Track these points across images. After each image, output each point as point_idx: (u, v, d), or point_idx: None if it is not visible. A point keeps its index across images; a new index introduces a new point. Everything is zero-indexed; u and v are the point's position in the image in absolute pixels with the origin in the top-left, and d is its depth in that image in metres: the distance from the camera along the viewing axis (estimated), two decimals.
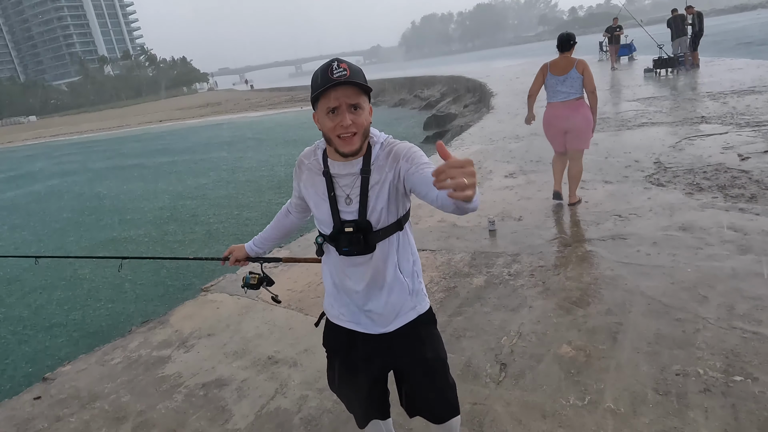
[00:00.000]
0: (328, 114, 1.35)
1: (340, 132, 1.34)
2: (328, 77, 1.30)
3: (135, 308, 5.76)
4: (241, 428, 2.42)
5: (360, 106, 1.35)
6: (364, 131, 1.38)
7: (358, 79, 1.32)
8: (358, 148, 1.38)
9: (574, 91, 4.45)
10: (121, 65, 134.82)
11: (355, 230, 1.43)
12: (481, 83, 17.80)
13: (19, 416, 2.78)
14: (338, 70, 1.30)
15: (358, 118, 1.35)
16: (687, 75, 12.83)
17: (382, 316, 1.54)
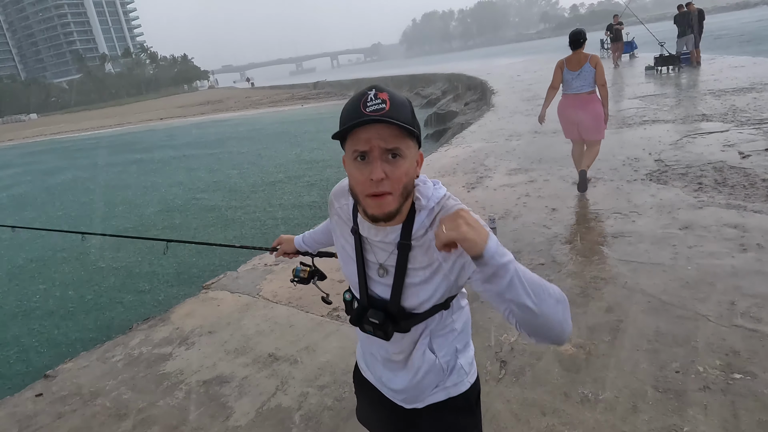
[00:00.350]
0: (356, 160, 0.98)
1: (369, 189, 0.97)
2: (359, 111, 0.95)
3: (138, 303, 5.78)
4: (242, 425, 2.43)
5: (400, 153, 0.96)
6: (403, 190, 0.99)
7: (402, 116, 0.95)
8: (392, 212, 0.99)
9: (587, 84, 4.82)
10: (122, 63, 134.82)
11: (381, 324, 1.11)
12: (481, 81, 17.79)
13: (21, 413, 2.79)
14: (374, 102, 0.94)
15: (395, 171, 0.96)
16: (688, 73, 12.81)
17: (406, 395, 1.24)
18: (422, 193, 1.07)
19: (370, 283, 1.15)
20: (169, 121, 37.03)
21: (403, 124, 0.95)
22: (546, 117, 5.26)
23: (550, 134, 7.81)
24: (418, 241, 1.06)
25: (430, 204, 1.06)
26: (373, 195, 0.98)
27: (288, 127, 22.64)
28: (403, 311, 1.12)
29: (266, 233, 8.01)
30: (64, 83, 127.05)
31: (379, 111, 0.94)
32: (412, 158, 1.01)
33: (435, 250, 1.02)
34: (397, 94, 0.99)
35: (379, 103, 0.95)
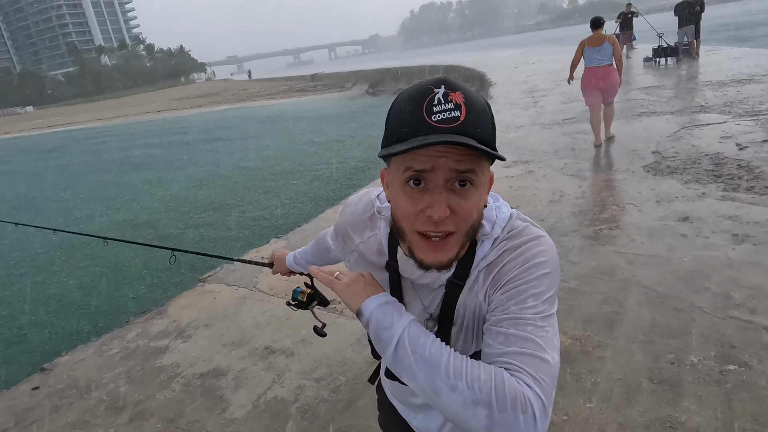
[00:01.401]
0: (408, 184, 0.72)
1: (423, 227, 0.73)
2: (422, 117, 0.69)
3: (134, 297, 5.77)
4: (239, 417, 2.44)
5: (472, 180, 0.71)
6: (470, 229, 0.74)
7: (482, 129, 0.70)
8: (451, 260, 0.76)
9: (606, 58, 6.08)
10: (118, 55, 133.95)
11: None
12: (479, 73, 17.72)
13: (18, 406, 2.79)
14: (443, 108, 0.68)
15: (464, 205, 0.72)
16: (687, 64, 12.77)
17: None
18: (485, 217, 0.80)
19: None
20: (165, 114, 36.84)
21: (484, 147, 0.67)
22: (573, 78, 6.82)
23: (548, 126, 7.80)
24: (470, 279, 0.81)
25: (495, 231, 0.80)
26: (426, 235, 0.73)
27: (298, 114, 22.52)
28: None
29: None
30: (59, 75, 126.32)
31: (451, 122, 0.67)
32: (484, 186, 0.74)
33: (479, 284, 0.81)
34: (474, 96, 0.71)
35: (451, 110, 0.68)
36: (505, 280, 0.76)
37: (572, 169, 5.51)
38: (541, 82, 13.51)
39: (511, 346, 0.71)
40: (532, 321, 0.72)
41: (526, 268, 0.75)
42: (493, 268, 0.78)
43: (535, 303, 0.74)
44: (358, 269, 0.95)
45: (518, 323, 0.72)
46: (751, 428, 1.91)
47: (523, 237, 0.79)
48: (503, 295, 0.75)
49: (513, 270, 0.76)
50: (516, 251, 0.78)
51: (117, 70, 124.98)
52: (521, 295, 0.74)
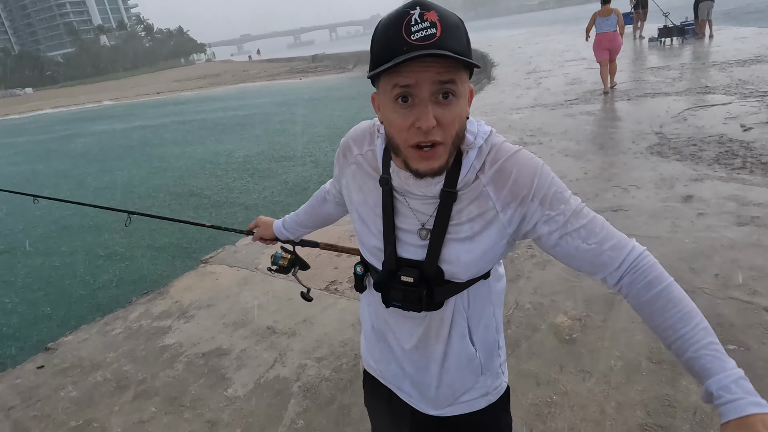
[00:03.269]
0: (397, 101, 0.78)
1: (415, 138, 0.79)
2: (401, 37, 0.74)
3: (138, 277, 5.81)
4: (241, 396, 2.47)
5: (454, 91, 0.77)
6: (455, 138, 0.81)
7: (457, 42, 0.75)
8: (442, 167, 0.82)
9: (612, 26, 8.08)
10: (117, 36, 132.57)
11: (417, 283, 0.90)
12: (482, 53, 17.51)
13: (24, 385, 2.83)
14: (420, 26, 0.73)
15: (447, 114, 0.77)
16: (693, 44, 12.59)
17: (433, 395, 1.04)
18: (468, 130, 0.86)
19: (400, 246, 0.93)
20: (165, 96, 36.60)
21: (461, 56, 0.73)
22: (589, 37, 8.79)
23: (550, 107, 7.73)
24: (466, 189, 0.87)
25: (478, 141, 0.87)
26: (418, 146, 0.79)
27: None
28: (441, 275, 0.90)
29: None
30: (58, 57, 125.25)
31: (428, 39, 0.73)
32: (464, 96, 0.80)
33: (489, 196, 0.86)
34: (448, 13, 0.76)
35: (427, 28, 0.73)
36: (530, 196, 0.85)
37: (575, 150, 5.48)
38: (544, 62, 13.35)
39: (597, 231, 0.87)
40: (580, 205, 0.88)
41: (539, 180, 0.85)
42: (504, 181, 0.86)
43: (569, 194, 0.88)
44: (354, 182, 1.00)
45: (579, 214, 0.86)
46: None
47: (511, 149, 0.88)
48: (542, 206, 0.85)
49: (527, 185, 0.85)
50: (519, 163, 0.86)
51: (116, 51, 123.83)
52: (558, 196, 0.86)
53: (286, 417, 2.28)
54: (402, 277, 0.91)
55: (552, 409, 2.07)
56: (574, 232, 0.85)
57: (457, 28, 0.77)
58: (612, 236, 0.87)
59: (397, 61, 0.72)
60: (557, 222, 0.85)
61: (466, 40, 0.78)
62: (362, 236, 1.00)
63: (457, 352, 0.99)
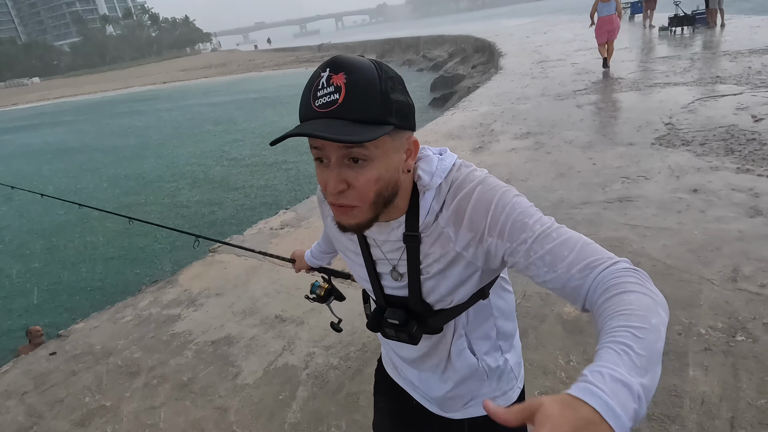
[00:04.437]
0: (317, 160, 0.78)
1: (330, 200, 0.78)
2: (309, 102, 0.73)
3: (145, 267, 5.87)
4: (250, 383, 2.50)
5: (363, 156, 0.74)
6: (376, 198, 0.77)
7: (363, 106, 0.71)
8: (362, 224, 0.80)
9: (611, 10, 9.03)
10: (122, 25, 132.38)
11: (404, 323, 0.92)
12: (489, 43, 17.37)
13: (36, 370, 2.88)
14: (325, 90, 0.71)
15: (359, 179, 0.75)
16: (704, 33, 12.42)
17: (442, 403, 1.07)
18: (424, 169, 0.84)
19: (386, 289, 0.96)
20: (174, 84, 36.57)
21: (360, 121, 0.70)
22: (593, 22, 9.39)
23: (558, 97, 7.67)
24: (427, 231, 0.85)
25: (436, 181, 0.84)
26: (335, 206, 0.79)
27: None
28: (429, 308, 0.92)
29: None
30: (64, 46, 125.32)
31: (329, 106, 0.70)
32: (388, 156, 0.76)
33: (449, 237, 0.83)
34: (363, 70, 0.71)
35: (330, 93, 0.70)
36: (486, 230, 0.79)
37: (583, 140, 5.44)
38: (552, 52, 13.23)
39: (565, 254, 0.73)
40: (549, 228, 0.76)
41: (494, 211, 0.78)
42: (460, 220, 0.81)
43: (533, 220, 0.77)
44: (333, 231, 0.99)
45: (542, 239, 0.75)
46: (756, 398, 1.93)
47: (471, 182, 0.82)
48: (501, 239, 0.78)
49: (482, 218, 0.79)
50: (473, 198, 0.80)
51: (122, 40, 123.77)
52: (517, 225, 0.77)
53: (295, 404, 2.31)
54: (388, 319, 0.93)
55: None
56: (538, 260, 0.75)
57: (368, 88, 0.71)
58: (585, 257, 0.72)
59: (290, 132, 0.70)
60: (519, 252, 0.77)
61: (383, 99, 0.72)
62: (354, 274, 1.04)
63: (459, 364, 0.99)
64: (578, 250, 0.73)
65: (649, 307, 0.62)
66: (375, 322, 0.97)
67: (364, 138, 0.69)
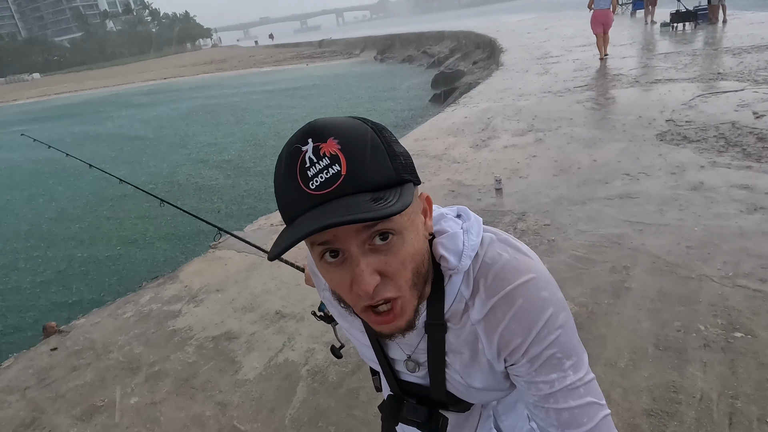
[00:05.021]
0: (324, 258, 0.61)
1: (362, 302, 0.61)
2: (299, 189, 0.57)
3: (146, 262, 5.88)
4: (251, 379, 2.51)
5: (393, 228, 0.58)
6: (415, 278, 0.62)
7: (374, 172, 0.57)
8: (410, 319, 0.64)
9: (607, 4, 9.75)
10: (123, 20, 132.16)
11: (426, 420, 0.79)
12: (490, 39, 17.32)
13: (38, 366, 2.89)
14: (318, 165, 0.56)
15: (392, 262, 0.59)
16: (705, 29, 12.38)
17: None
18: (448, 248, 0.68)
19: (399, 369, 0.82)
20: (174, 80, 36.56)
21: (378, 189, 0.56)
22: (591, 8, 10.11)
23: (559, 94, 7.66)
24: (454, 321, 0.71)
25: (465, 263, 0.68)
26: (371, 307, 0.62)
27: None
28: (453, 397, 0.79)
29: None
30: (65, 42, 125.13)
31: (332, 183, 0.55)
32: (414, 222, 0.62)
33: (479, 337, 0.70)
34: (353, 129, 0.58)
35: (327, 167, 0.55)
36: (521, 350, 0.66)
37: (584, 137, 5.44)
38: (553, 48, 13.19)
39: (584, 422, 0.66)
40: (579, 381, 0.66)
41: (538, 333, 0.65)
42: (493, 330, 0.67)
43: (571, 362, 0.66)
44: (333, 308, 0.87)
45: (570, 392, 0.66)
46: (754, 394, 1.94)
47: (514, 281, 0.66)
48: (530, 365, 0.67)
49: (522, 336, 0.66)
50: (513, 309, 0.66)
51: (122, 36, 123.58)
52: (551, 363, 0.66)
53: (295, 400, 2.32)
54: (409, 417, 0.80)
55: None
56: (554, 412, 0.66)
57: (371, 147, 0.57)
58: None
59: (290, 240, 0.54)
60: (539, 390, 0.67)
61: (389, 155, 0.58)
62: (360, 354, 0.90)
63: None
64: (597, 423, 0.65)
65: None
66: (392, 417, 0.81)
67: (400, 206, 0.54)
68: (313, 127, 0.57)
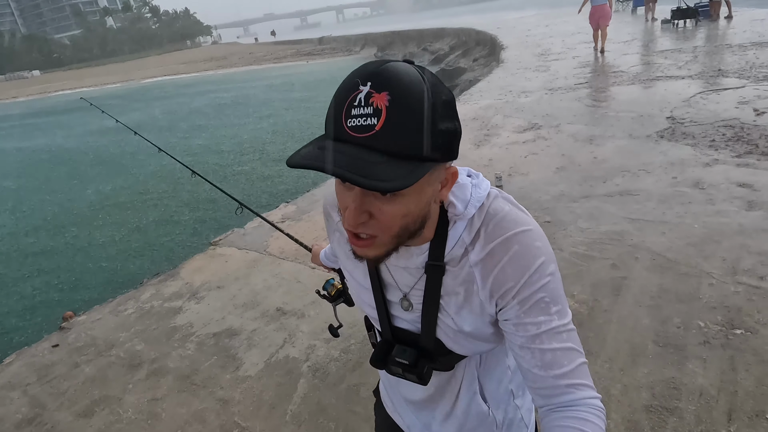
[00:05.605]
0: (337, 180, 0.68)
1: (346, 225, 0.68)
2: (339, 119, 0.60)
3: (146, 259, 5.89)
4: (252, 375, 2.52)
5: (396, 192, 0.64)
6: (400, 232, 0.68)
7: (404, 136, 0.59)
8: (380, 256, 0.71)
9: (603, 0, 10.42)
10: (123, 17, 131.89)
11: (414, 363, 0.83)
12: (491, 36, 17.29)
13: (40, 362, 2.90)
14: (361, 110, 0.59)
15: (386, 212, 0.65)
16: (707, 26, 12.35)
17: None
18: (457, 196, 0.75)
19: (394, 319, 0.86)
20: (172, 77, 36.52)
21: (398, 156, 0.59)
22: (582, 10, 11.50)
23: (560, 90, 7.65)
24: (453, 264, 0.76)
25: (470, 211, 0.75)
26: (353, 236, 0.69)
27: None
28: (441, 346, 0.82)
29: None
30: (64, 39, 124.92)
31: (364, 131, 0.58)
32: (422, 191, 0.66)
33: (474, 279, 0.75)
34: (411, 93, 0.59)
35: (368, 115, 0.58)
36: (513, 292, 0.72)
37: (584, 134, 5.43)
38: (553, 45, 13.17)
39: (565, 364, 0.71)
40: (563, 326, 0.72)
41: (530, 277, 0.71)
42: (491, 269, 0.73)
43: (557, 308, 0.72)
44: (341, 249, 0.92)
45: (554, 335, 0.71)
46: (754, 391, 1.95)
47: (511, 229, 0.73)
48: (520, 307, 0.72)
49: (515, 279, 0.71)
50: (509, 254, 0.72)
51: (122, 33, 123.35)
52: (539, 306, 0.71)
53: (296, 396, 2.33)
54: (397, 358, 0.84)
55: None
56: (538, 352, 0.71)
57: (413, 118, 0.59)
58: (578, 377, 0.71)
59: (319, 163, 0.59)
60: (526, 331, 0.72)
61: (429, 131, 0.60)
62: (358, 302, 0.94)
63: (467, 409, 0.91)
64: (576, 366, 0.71)
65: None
66: (380, 359, 0.86)
67: (397, 185, 0.58)
68: (379, 74, 0.60)
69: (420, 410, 0.97)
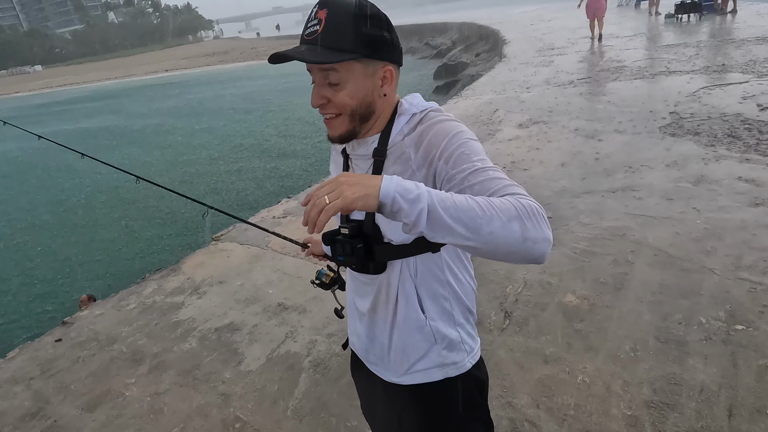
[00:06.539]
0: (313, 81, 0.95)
1: (316, 108, 0.95)
2: (303, 33, 0.92)
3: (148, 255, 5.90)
4: (253, 370, 2.52)
5: (337, 78, 0.90)
6: (354, 110, 0.93)
7: (336, 37, 0.87)
8: (344, 134, 0.96)
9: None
10: (124, 12, 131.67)
11: (353, 235, 0.96)
12: (494, 30, 17.21)
13: (43, 357, 2.91)
14: (312, 22, 0.89)
15: (336, 95, 0.91)
16: (710, 21, 12.27)
17: (388, 360, 1.10)
18: (408, 100, 1.00)
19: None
20: (176, 72, 36.44)
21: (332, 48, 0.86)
22: (580, 5, 11.96)
23: (562, 85, 7.62)
24: (393, 149, 0.97)
25: (412, 109, 0.98)
26: (324, 118, 0.96)
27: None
28: (378, 233, 0.97)
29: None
30: (66, 34, 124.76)
31: (312, 35, 0.88)
32: (359, 81, 0.91)
33: (409, 157, 0.93)
34: (342, 7, 0.87)
35: (314, 25, 0.88)
36: (437, 153, 0.89)
37: (587, 129, 5.41)
38: (556, 40, 13.11)
39: (492, 186, 0.82)
40: (490, 168, 0.85)
41: (450, 139, 0.89)
42: (420, 143, 0.92)
43: (478, 157, 0.87)
44: (333, 163, 1.15)
45: (478, 172, 0.84)
46: (754, 386, 1.94)
47: (440, 120, 0.94)
48: (446, 164, 0.88)
49: (437, 144, 0.90)
50: (436, 127, 0.92)
51: (124, 27, 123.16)
52: (463, 156, 0.87)
53: (298, 391, 2.34)
54: (341, 228, 0.98)
55: (559, 386, 2.10)
56: (468, 189, 0.83)
57: (342, 23, 0.87)
58: (506, 191, 0.80)
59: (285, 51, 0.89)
60: (456, 179, 0.85)
61: (354, 32, 0.87)
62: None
63: (405, 316, 1.03)
64: (503, 186, 0.82)
65: (502, 206, 0.75)
66: (330, 236, 0.99)
67: (327, 60, 0.87)
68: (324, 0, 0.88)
69: (370, 324, 1.10)
